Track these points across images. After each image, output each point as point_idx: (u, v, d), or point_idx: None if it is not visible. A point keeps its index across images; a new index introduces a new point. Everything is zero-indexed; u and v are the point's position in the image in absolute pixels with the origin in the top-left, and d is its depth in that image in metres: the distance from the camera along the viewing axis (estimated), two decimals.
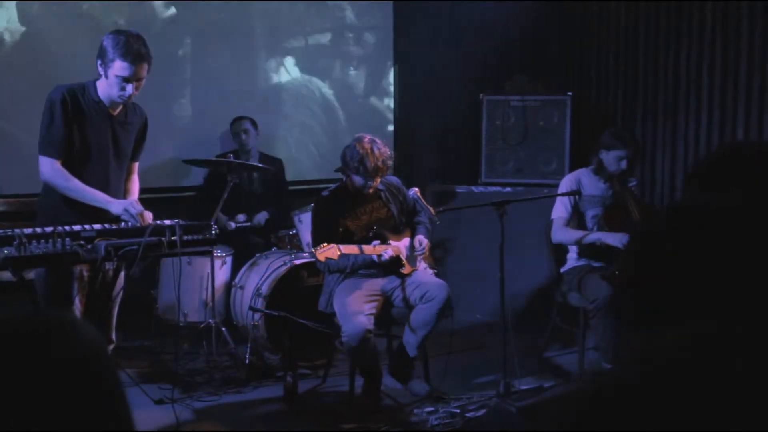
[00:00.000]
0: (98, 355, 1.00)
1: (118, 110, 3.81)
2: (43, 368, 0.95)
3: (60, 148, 3.68)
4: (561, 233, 4.69)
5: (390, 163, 4.34)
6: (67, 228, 3.47)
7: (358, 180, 4.31)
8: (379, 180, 4.35)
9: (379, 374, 4.33)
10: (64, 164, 3.70)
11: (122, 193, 3.96)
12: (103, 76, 3.69)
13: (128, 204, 3.71)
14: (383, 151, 4.28)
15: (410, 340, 4.32)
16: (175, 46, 5.94)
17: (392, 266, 4.43)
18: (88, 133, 3.74)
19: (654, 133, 5.90)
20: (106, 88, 3.72)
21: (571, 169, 5.46)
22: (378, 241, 4.30)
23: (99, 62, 3.67)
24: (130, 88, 3.68)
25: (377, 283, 4.41)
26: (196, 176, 5.92)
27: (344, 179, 4.47)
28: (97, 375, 0.99)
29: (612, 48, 6.20)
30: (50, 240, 3.39)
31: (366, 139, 4.30)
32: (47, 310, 1.05)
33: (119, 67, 3.62)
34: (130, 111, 3.90)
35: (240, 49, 6.18)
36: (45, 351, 0.96)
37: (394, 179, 4.58)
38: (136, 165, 4.09)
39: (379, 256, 4.23)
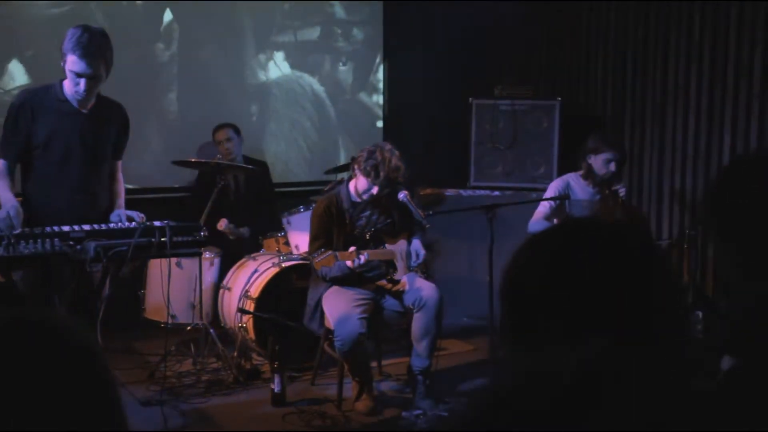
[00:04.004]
0: (93, 356, 1.00)
1: (88, 107, 3.71)
2: (39, 368, 0.95)
3: (10, 151, 3.64)
4: (537, 224, 4.69)
5: (402, 179, 4.27)
6: (56, 228, 3.46)
7: (363, 183, 4.28)
8: (382, 191, 4.29)
9: (371, 377, 4.33)
10: (38, 169, 3.67)
11: (104, 194, 3.88)
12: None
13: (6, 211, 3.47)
14: (400, 165, 4.22)
15: (418, 352, 4.30)
16: (164, 42, 5.92)
17: (385, 269, 4.44)
18: (52, 134, 3.65)
19: (642, 137, 5.94)
20: (68, 86, 3.63)
21: (560, 173, 5.48)
22: (353, 247, 4.26)
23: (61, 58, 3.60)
24: (82, 83, 3.57)
25: (368, 287, 4.41)
26: (185, 176, 5.89)
27: (346, 179, 4.45)
28: (92, 376, 0.99)
29: (601, 53, 6.23)
30: (39, 240, 3.38)
31: (387, 148, 4.24)
32: (42, 311, 1.04)
33: (70, 61, 3.54)
34: (104, 108, 3.78)
35: (229, 45, 6.16)
36: (42, 351, 0.96)
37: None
38: (119, 164, 4.00)
39: (353, 262, 4.17)
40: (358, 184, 4.31)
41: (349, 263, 4.16)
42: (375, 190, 4.26)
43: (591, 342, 0.97)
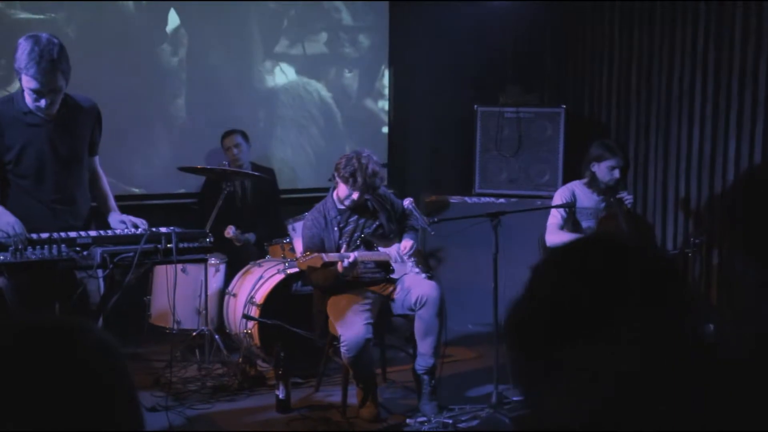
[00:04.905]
0: (114, 357, 1.02)
1: (54, 112, 3.59)
2: (60, 367, 0.97)
3: None
4: (555, 236, 4.72)
5: (379, 183, 4.37)
6: (62, 234, 3.47)
7: (343, 189, 4.35)
8: (362, 196, 4.36)
9: (375, 383, 4.34)
10: (12, 183, 3.60)
11: (85, 199, 3.83)
12: None
13: (11, 223, 3.44)
14: (378, 170, 4.32)
15: (423, 351, 4.32)
16: (172, 48, 5.94)
17: (382, 273, 4.47)
18: (23, 146, 3.58)
19: (647, 145, 5.94)
20: (29, 99, 3.52)
21: (565, 181, 5.50)
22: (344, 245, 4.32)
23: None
24: (43, 101, 3.48)
25: (370, 291, 4.43)
26: (192, 182, 5.91)
27: (332, 188, 4.51)
28: (111, 375, 1.01)
29: (606, 61, 6.24)
30: (46, 246, 3.39)
31: (365, 154, 4.33)
32: (60, 316, 1.07)
33: (26, 80, 3.43)
34: (72, 110, 3.67)
35: (236, 51, 6.18)
36: (64, 351, 0.98)
37: (383, 189, 4.61)
38: (96, 159, 3.91)
39: (344, 263, 4.21)
40: (339, 191, 4.39)
41: (339, 267, 4.20)
42: (355, 195, 4.32)
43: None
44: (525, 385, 1.13)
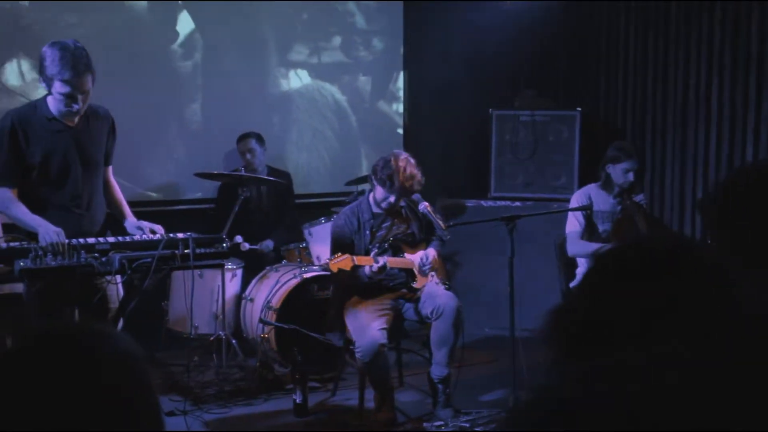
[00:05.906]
0: (132, 360, 1.04)
1: (76, 120, 3.69)
2: (78, 372, 0.98)
3: (9, 177, 3.61)
4: (577, 246, 4.71)
5: (417, 187, 4.33)
6: (81, 241, 3.50)
7: (380, 192, 4.34)
8: (399, 199, 4.36)
9: (391, 388, 4.35)
10: (31, 189, 3.64)
11: (101, 205, 3.87)
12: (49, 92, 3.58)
13: (56, 231, 3.48)
14: (415, 173, 4.29)
15: (437, 360, 4.33)
16: (187, 53, 5.97)
17: (405, 279, 4.47)
18: (48, 152, 3.64)
19: (663, 148, 5.92)
20: (55, 104, 3.61)
21: (581, 184, 5.48)
22: (375, 250, 4.33)
23: (41, 78, 3.57)
24: (75, 106, 3.57)
25: (389, 297, 4.43)
26: (209, 187, 5.94)
27: (368, 190, 4.51)
28: (130, 379, 1.02)
29: (621, 63, 6.23)
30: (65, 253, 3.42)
31: (402, 157, 4.33)
32: (87, 321, 1.09)
33: (59, 86, 3.51)
34: (91, 117, 3.77)
35: (251, 55, 6.21)
36: (82, 356, 1.00)
37: (416, 195, 4.60)
38: (110, 169, 3.98)
39: (372, 266, 4.22)
40: (376, 193, 4.38)
41: (367, 269, 4.20)
42: (392, 198, 4.31)
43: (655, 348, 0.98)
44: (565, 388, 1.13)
